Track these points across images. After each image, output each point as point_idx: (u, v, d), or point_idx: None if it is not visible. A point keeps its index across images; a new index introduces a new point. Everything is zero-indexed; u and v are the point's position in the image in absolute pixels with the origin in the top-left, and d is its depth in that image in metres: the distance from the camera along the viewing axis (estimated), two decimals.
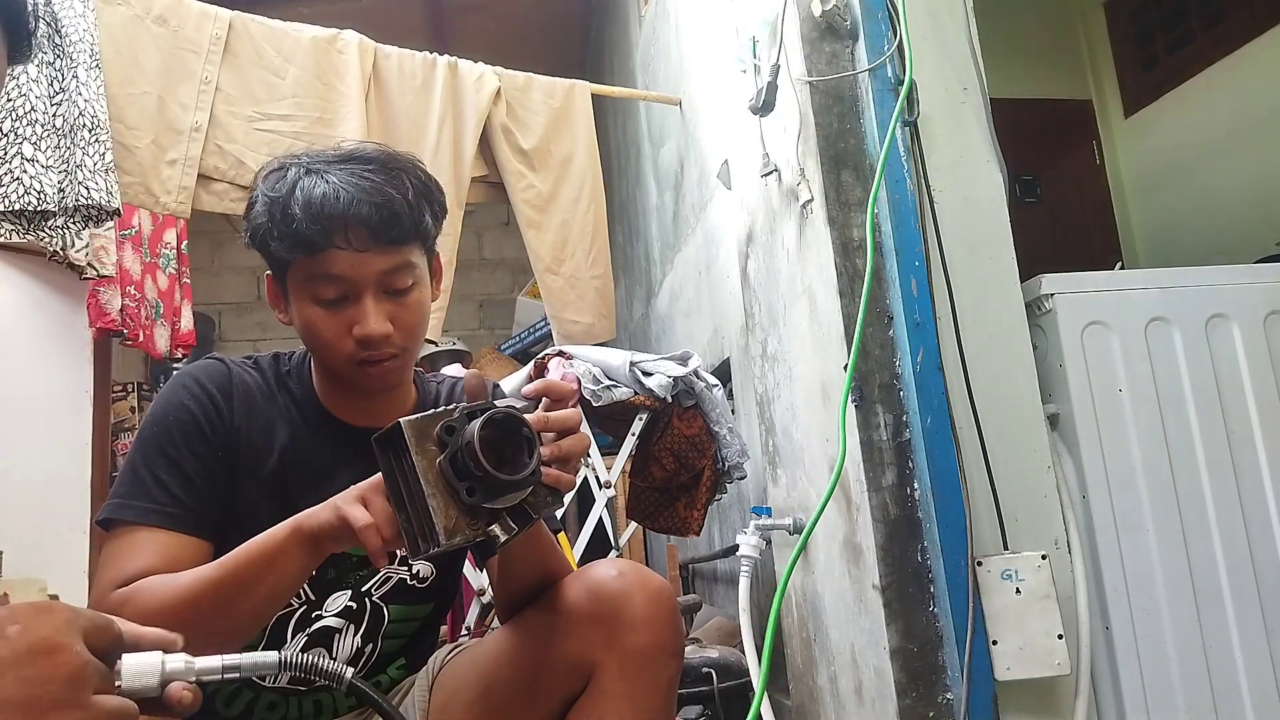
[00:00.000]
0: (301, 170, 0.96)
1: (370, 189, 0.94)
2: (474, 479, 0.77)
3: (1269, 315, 1.63)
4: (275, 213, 0.95)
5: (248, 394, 1.03)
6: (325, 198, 0.93)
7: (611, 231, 3.62)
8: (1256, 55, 3.28)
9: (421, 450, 0.77)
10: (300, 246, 0.94)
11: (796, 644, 1.87)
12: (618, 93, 3.62)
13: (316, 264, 0.95)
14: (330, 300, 0.96)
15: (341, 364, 0.99)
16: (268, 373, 1.08)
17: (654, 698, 0.96)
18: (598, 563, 1.04)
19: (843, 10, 1.59)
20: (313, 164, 0.96)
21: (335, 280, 0.95)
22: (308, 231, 0.92)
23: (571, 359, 2.37)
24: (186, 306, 3.85)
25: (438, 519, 0.75)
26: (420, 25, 4.80)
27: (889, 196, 1.50)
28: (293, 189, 0.94)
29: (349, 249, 0.94)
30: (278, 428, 1.04)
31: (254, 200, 0.99)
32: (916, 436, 1.44)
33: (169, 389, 1.01)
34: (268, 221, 0.96)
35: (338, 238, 0.93)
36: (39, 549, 3.26)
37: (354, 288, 0.96)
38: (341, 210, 0.92)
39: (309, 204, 0.93)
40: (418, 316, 1.01)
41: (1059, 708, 1.41)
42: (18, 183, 2.00)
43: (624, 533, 2.68)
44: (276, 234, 0.95)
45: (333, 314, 0.97)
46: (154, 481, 0.95)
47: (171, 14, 2.39)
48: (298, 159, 0.98)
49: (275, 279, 1.02)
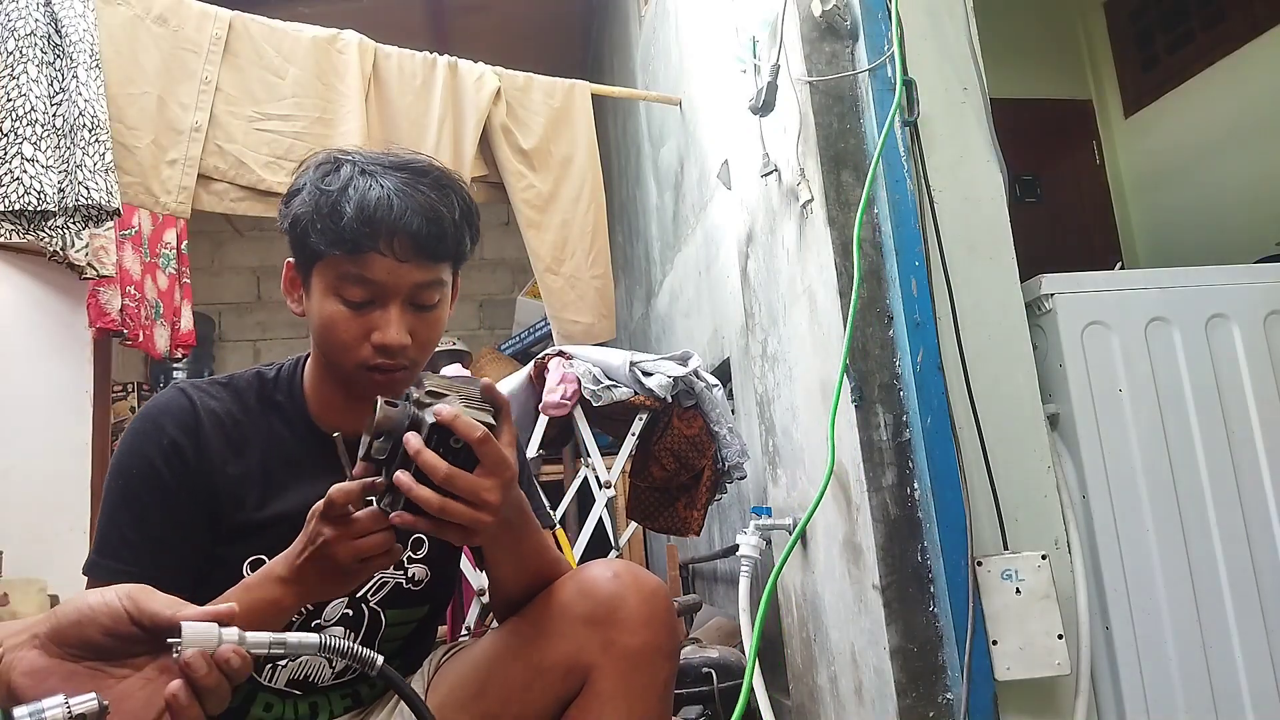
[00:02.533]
0: (357, 169, 0.96)
1: (423, 202, 0.95)
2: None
3: (1269, 315, 1.63)
4: (324, 205, 0.94)
5: (217, 424, 1.01)
6: (379, 202, 0.93)
7: (611, 231, 3.62)
8: (1256, 55, 3.28)
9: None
10: (343, 243, 0.93)
11: (796, 644, 1.87)
12: (618, 93, 3.62)
13: (353, 264, 0.94)
14: (356, 302, 0.96)
15: (351, 366, 0.98)
16: (246, 392, 1.06)
17: (650, 698, 0.96)
18: (593, 563, 1.03)
19: (843, 10, 1.59)
20: (368, 165, 0.96)
21: (368, 284, 0.95)
22: (354, 231, 0.92)
23: (571, 359, 2.37)
24: (186, 306, 3.85)
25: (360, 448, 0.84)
26: (420, 25, 4.80)
27: (889, 196, 1.50)
28: (346, 186, 0.94)
29: (390, 256, 0.94)
30: (257, 450, 1.02)
31: (299, 187, 0.98)
32: (916, 436, 1.44)
33: (131, 435, 0.98)
34: (313, 212, 0.95)
35: (382, 243, 0.93)
36: (39, 549, 3.27)
37: (384, 295, 0.96)
38: (393, 217, 0.93)
39: (362, 204, 0.93)
40: (435, 333, 1.01)
41: (1059, 708, 1.41)
42: (18, 183, 2.00)
43: (624, 533, 2.68)
44: (320, 226, 0.94)
45: (355, 316, 0.96)
46: (120, 540, 0.95)
47: (171, 14, 2.39)
48: (351, 157, 0.98)
49: (298, 268, 1.01)
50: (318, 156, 1.00)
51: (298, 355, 1.11)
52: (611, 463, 2.44)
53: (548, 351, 2.45)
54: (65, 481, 3.45)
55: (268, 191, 2.47)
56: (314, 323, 0.99)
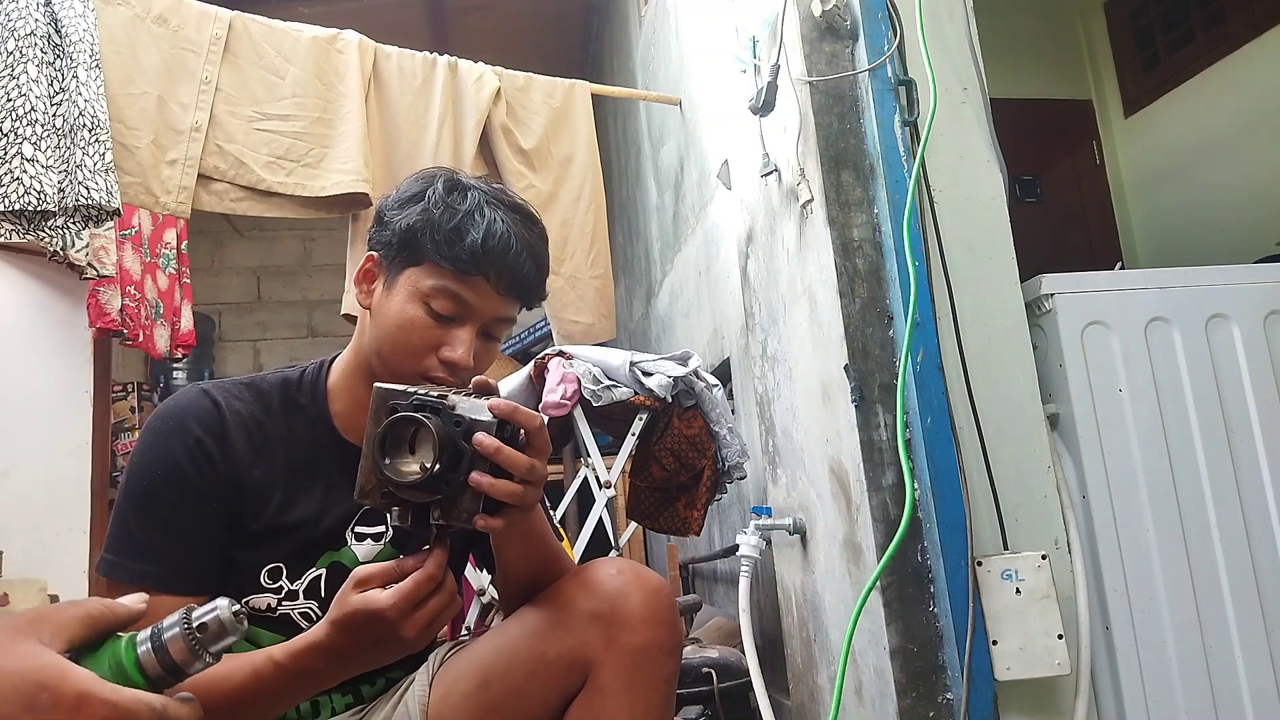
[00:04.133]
0: (484, 198, 1.01)
1: (533, 248, 1.02)
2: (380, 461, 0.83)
3: (1269, 315, 1.63)
4: (446, 221, 0.98)
5: (241, 426, 1.01)
6: (501, 237, 0.99)
7: (611, 231, 3.62)
8: (1257, 55, 3.28)
9: (375, 417, 0.83)
10: (456, 261, 0.97)
11: (796, 644, 1.87)
12: (618, 93, 3.62)
13: (456, 281, 0.98)
14: (442, 315, 0.99)
15: (410, 371, 0.99)
16: (270, 394, 1.05)
17: (652, 695, 0.96)
18: (596, 561, 1.04)
19: (843, 10, 1.59)
20: (490, 198, 1.02)
21: (461, 303, 0.99)
22: (471, 255, 0.97)
23: (571, 359, 2.37)
24: (186, 306, 3.85)
25: (360, 476, 0.84)
26: (420, 25, 4.80)
27: (889, 196, 1.50)
28: (473, 211, 0.99)
29: (491, 286, 0.99)
30: (280, 454, 1.02)
31: (418, 193, 1.01)
32: (917, 436, 1.44)
33: (156, 435, 0.98)
34: (435, 222, 0.98)
35: (492, 274, 0.99)
36: (39, 549, 3.27)
37: (470, 316, 1.00)
38: (510, 255, 0.99)
39: (488, 233, 0.98)
40: (490, 361, 1.06)
41: (1059, 708, 1.41)
42: (18, 183, 2.00)
43: (624, 533, 2.68)
44: (440, 238, 0.98)
45: (434, 327, 0.99)
46: (147, 541, 0.94)
47: (171, 14, 2.39)
48: (474, 184, 1.03)
49: (387, 264, 1.02)
50: (439, 173, 1.04)
51: (322, 358, 1.10)
52: (611, 463, 2.44)
53: (548, 351, 2.45)
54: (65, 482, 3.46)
55: (268, 191, 2.48)
56: (387, 319, 1.00)
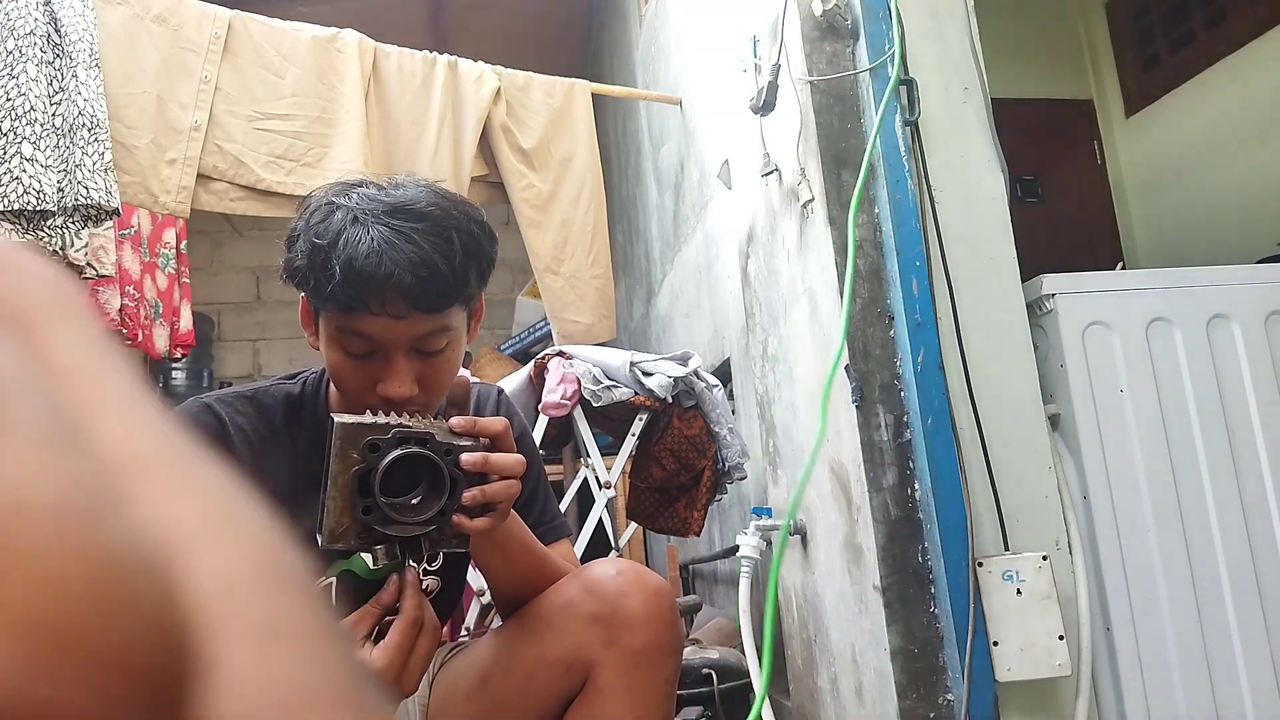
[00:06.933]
0: (349, 217, 0.90)
1: (413, 255, 0.88)
2: (374, 500, 0.80)
3: (1270, 315, 1.62)
4: (316, 260, 0.90)
5: (246, 441, 1.00)
6: (367, 259, 0.87)
7: (611, 231, 3.62)
8: (1258, 55, 3.27)
9: (343, 455, 0.80)
10: (335, 301, 0.90)
11: (797, 645, 1.87)
12: (618, 92, 3.62)
13: (347, 319, 0.91)
14: (358, 354, 0.94)
15: (364, 406, 0.97)
16: (273, 409, 1.04)
17: (652, 696, 0.96)
18: (596, 562, 1.04)
19: (843, 10, 1.59)
20: (361, 210, 0.91)
21: (365, 339, 0.92)
22: (344, 293, 0.89)
23: (571, 359, 2.36)
24: (186, 306, 3.85)
25: (328, 519, 0.80)
26: (420, 25, 4.79)
27: (889, 196, 1.49)
28: (336, 239, 0.89)
29: (383, 315, 0.90)
30: (284, 469, 1.02)
31: (295, 234, 0.95)
32: (917, 437, 1.44)
33: None
34: (306, 267, 0.92)
35: (373, 303, 0.89)
36: None
37: (384, 348, 0.93)
38: (382, 275, 0.87)
39: (349, 263, 0.88)
40: (447, 375, 0.98)
41: (1060, 708, 1.41)
42: (17, 182, 1.99)
43: (624, 533, 2.68)
44: (313, 283, 0.91)
45: (360, 365, 0.94)
46: None
47: (171, 13, 2.39)
48: (349, 198, 0.93)
49: (307, 310, 1.00)
50: (319, 196, 0.96)
51: (322, 367, 1.10)
52: (611, 463, 2.43)
53: (547, 351, 2.45)
54: None
55: (267, 191, 2.47)
56: (326, 362, 0.99)
